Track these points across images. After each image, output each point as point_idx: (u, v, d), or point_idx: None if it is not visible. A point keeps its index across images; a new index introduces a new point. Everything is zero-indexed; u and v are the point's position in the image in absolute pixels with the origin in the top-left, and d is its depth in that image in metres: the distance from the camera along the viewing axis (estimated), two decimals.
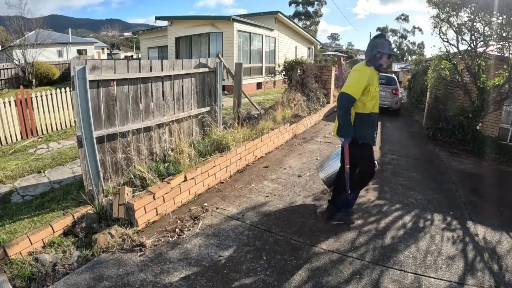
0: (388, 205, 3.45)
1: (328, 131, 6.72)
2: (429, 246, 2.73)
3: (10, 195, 3.61)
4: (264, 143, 4.79)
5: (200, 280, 2.20)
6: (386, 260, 2.49)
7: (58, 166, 4.54)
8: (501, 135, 6.98)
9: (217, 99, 4.51)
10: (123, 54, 36.24)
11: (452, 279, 2.32)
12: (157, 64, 3.53)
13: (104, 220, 2.77)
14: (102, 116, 3.03)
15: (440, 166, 5.07)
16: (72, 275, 2.20)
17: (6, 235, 2.60)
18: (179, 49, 14.56)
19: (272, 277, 2.25)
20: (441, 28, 6.55)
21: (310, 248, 2.61)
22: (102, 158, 3.06)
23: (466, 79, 6.58)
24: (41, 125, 6.50)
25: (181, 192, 3.18)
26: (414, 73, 14.85)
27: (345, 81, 2.75)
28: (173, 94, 3.81)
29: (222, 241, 2.65)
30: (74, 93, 2.71)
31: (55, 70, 14.70)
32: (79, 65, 2.69)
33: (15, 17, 14.20)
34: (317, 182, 3.94)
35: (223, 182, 3.82)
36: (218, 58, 4.61)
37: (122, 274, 2.23)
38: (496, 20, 5.70)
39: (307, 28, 39.74)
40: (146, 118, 3.50)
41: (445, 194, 3.89)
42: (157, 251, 2.49)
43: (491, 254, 2.70)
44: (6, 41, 14.97)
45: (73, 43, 27.05)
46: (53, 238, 2.55)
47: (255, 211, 3.16)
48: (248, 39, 13.62)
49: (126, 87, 3.22)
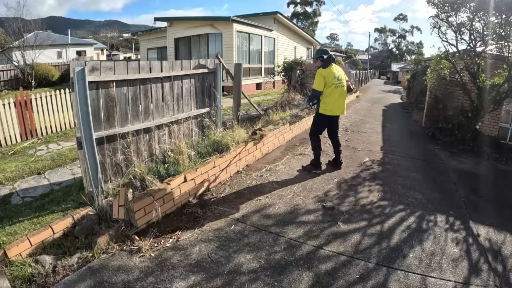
0: (388, 206, 3.44)
1: None
2: (431, 246, 2.73)
3: (10, 196, 3.61)
4: (263, 144, 4.79)
5: (200, 280, 2.20)
6: (390, 261, 2.49)
7: (58, 167, 4.54)
8: (500, 134, 6.98)
9: (216, 100, 4.51)
10: (123, 55, 36.29)
11: (454, 279, 2.32)
12: (157, 65, 3.53)
13: (104, 221, 2.76)
14: (102, 117, 3.03)
15: (440, 166, 5.07)
16: (72, 277, 2.20)
17: (6, 236, 2.60)
18: (179, 50, 14.57)
19: (272, 277, 2.24)
20: (440, 28, 6.55)
21: (310, 247, 2.60)
22: (102, 160, 3.06)
23: (465, 78, 6.58)
24: (41, 126, 6.51)
25: (181, 193, 3.18)
26: (414, 73, 14.84)
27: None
28: (173, 95, 3.81)
29: (222, 242, 2.64)
30: (73, 95, 2.71)
31: (54, 72, 14.72)
32: (78, 66, 2.69)
33: (14, 19, 14.22)
34: (318, 182, 3.94)
35: (223, 182, 3.82)
36: (218, 59, 4.61)
37: (122, 275, 2.23)
38: (495, 19, 5.70)
39: (306, 28, 39.73)
40: (146, 119, 3.50)
41: (445, 194, 3.89)
42: (157, 252, 2.48)
43: (492, 253, 2.70)
44: (6, 43, 14.97)
45: (73, 44, 27.10)
46: (53, 239, 2.55)
47: (255, 211, 3.16)
48: (247, 39, 13.63)
49: (126, 88, 3.22)
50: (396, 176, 4.37)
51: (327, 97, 4.03)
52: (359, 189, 3.82)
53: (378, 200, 3.55)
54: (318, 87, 4.00)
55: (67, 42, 26.15)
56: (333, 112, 4.13)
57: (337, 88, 4.01)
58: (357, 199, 3.56)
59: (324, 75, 3.96)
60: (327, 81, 3.95)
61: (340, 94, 4.06)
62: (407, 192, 3.82)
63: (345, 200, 3.51)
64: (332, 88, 3.98)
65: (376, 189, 3.86)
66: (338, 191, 3.75)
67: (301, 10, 44.87)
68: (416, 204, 3.51)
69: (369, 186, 3.92)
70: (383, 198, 3.62)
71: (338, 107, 4.13)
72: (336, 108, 4.12)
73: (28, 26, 14.77)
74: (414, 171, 4.62)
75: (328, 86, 3.98)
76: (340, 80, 4.04)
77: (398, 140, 6.67)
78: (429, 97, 7.73)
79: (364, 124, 8.07)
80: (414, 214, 3.28)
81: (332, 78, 3.97)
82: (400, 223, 3.09)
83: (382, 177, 4.27)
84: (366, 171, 4.46)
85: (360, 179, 4.15)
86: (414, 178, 4.34)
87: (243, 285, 2.18)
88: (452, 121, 6.58)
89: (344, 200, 3.50)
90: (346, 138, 6.24)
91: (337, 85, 4.01)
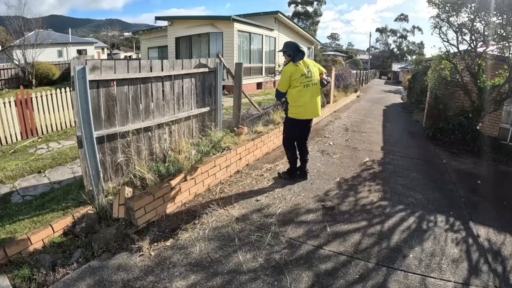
0: (388, 206, 3.44)
1: (329, 130, 6.72)
2: (431, 246, 2.73)
3: (10, 195, 3.61)
4: (264, 143, 4.79)
5: (200, 279, 2.20)
6: (389, 261, 2.49)
7: (58, 166, 4.54)
8: (501, 135, 6.99)
9: (217, 99, 4.51)
10: (123, 54, 36.28)
11: (454, 280, 2.32)
12: (157, 64, 3.53)
13: (104, 220, 2.77)
14: (102, 116, 3.03)
15: (440, 166, 5.07)
16: (72, 275, 2.20)
17: (6, 235, 2.60)
18: (179, 49, 14.56)
19: (272, 276, 2.25)
20: (441, 28, 6.55)
21: (310, 247, 2.61)
22: (102, 158, 3.06)
23: (466, 79, 6.58)
24: (41, 125, 6.51)
25: (181, 192, 3.18)
26: (414, 73, 14.83)
27: (345, 81, 3.01)
28: (173, 94, 3.81)
29: (222, 241, 2.64)
30: (74, 93, 2.71)
31: (55, 70, 14.71)
32: (79, 65, 2.68)
33: (15, 17, 14.23)
34: (317, 182, 3.94)
35: (223, 182, 3.82)
36: (218, 58, 4.60)
37: (122, 274, 2.23)
38: (496, 20, 5.69)
39: (307, 28, 39.74)
40: (146, 118, 3.50)
41: (445, 194, 3.89)
42: (157, 251, 2.49)
43: (492, 254, 2.70)
44: (6, 41, 14.97)
45: (73, 43, 27.09)
46: (53, 238, 2.55)
47: (255, 211, 3.16)
48: (248, 39, 13.62)
49: (126, 87, 3.22)
50: (396, 176, 4.37)
51: (296, 99, 3.53)
52: (359, 189, 3.82)
53: (378, 200, 3.55)
54: (281, 86, 3.56)
55: (67, 41, 26.15)
56: (304, 115, 3.61)
57: (307, 87, 3.51)
58: (357, 199, 3.56)
59: (290, 73, 3.47)
60: (293, 80, 3.48)
61: (312, 95, 3.56)
62: (407, 192, 3.82)
63: (345, 200, 3.51)
64: (301, 88, 3.49)
65: (376, 189, 3.86)
66: (338, 191, 3.75)
67: (302, 9, 44.85)
68: (416, 204, 3.51)
69: (369, 186, 3.92)
70: (383, 198, 3.62)
71: (309, 109, 3.60)
72: (307, 111, 3.59)
73: (28, 25, 14.78)
74: (414, 171, 4.62)
75: (295, 86, 3.49)
76: (310, 78, 3.53)
77: (398, 140, 6.66)
78: (430, 97, 7.73)
79: (365, 124, 8.06)
80: (414, 214, 3.28)
81: (300, 76, 3.48)
82: (400, 223, 3.09)
83: (382, 177, 4.27)
84: (366, 171, 4.46)
85: (361, 179, 4.15)
86: (414, 178, 4.34)
87: (243, 284, 2.18)
88: (453, 121, 6.58)
89: (344, 200, 3.50)
90: (346, 138, 6.24)
91: (306, 84, 3.50)
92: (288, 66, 3.53)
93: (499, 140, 6.74)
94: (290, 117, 3.64)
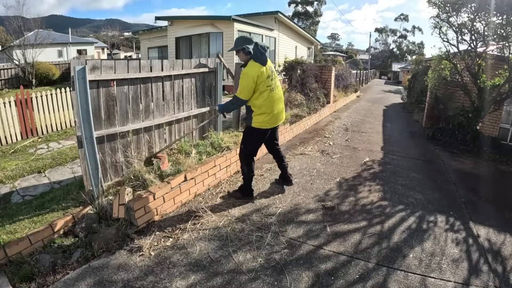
0: (388, 206, 3.44)
1: (329, 130, 6.72)
2: (431, 246, 2.73)
3: (10, 195, 3.61)
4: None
5: (200, 279, 2.20)
6: (389, 261, 2.49)
7: (58, 166, 4.54)
8: (501, 135, 6.98)
9: (217, 99, 4.51)
10: (123, 54, 36.25)
11: (454, 280, 2.32)
12: (157, 64, 3.53)
13: (104, 220, 2.77)
14: (102, 116, 3.03)
15: (440, 166, 5.07)
16: (72, 275, 2.20)
17: (6, 235, 2.60)
18: (179, 49, 14.56)
19: (272, 276, 2.25)
20: (441, 28, 6.55)
21: (310, 247, 2.61)
22: (102, 158, 3.06)
23: (466, 79, 6.58)
24: (41, 125, 6.51)
25: (181, 192, 3.18)
26: (414, 73, 14.83)
27: (345, 81, 2.85)
28: (173, 94, 3.81)
29: (222, 241, 2.64)
30: (74, 93, 2.71)
31: (55, 70, 14.70)
32: (79, 65, 2.68)
33: (14, 17, 14.22)
34: (317, 182, 3.94)
35: (223, 182, 3.82)
36: (218, 58, 4.60)
37: (122, 274, 2.23)
38: (496, 20, 5.70)
39: (307, 28, 39.75)
40: (146, 118, 3.50)
41: (446, 194, 3.89)
42: (157, 251, 2.49)
43: (492, 254, 2.70)
44: (6, 41, 14.97)
45: (73, 43, 27.07)
46: (53, 238, 2.55)
47: (255, 210, 3.16)
48: None
49: (126, 87, 3.22)
50: (397, 176, 4.36)
51: (263, 106, 2.98)
52: (360, 189, 3.82)
53: (378, 200, 3.55)
54: (244, 94, 2.93)
55: (67, 41, 26.13)
56: (274, 122, 3.15)
57: (272, 91, 3.02)
58: (357, 199, 3.56)
59: (256, 76, 2.87)
60: (258, 84, 2.90)
61: (278, 97, 3.13)
62: (407, 192, 3.82)
63: (345, 200, 3.51)
64: (268, 92, 2.97)
65: (377, 189, 3.86)
66: (338, 191, 3.75)
67: (302, 9, 44.86)
68: (416, 204, 3.51)
69: (369, 186, 3.92)
70: (383, 198, 3.62)
71: (278, 115, 3.16)
72: (276, 117, 3.14)
73: (28, 25, 14.78)
74: (414, 171, 4.62)
75: (262, 90, 2.94)
76: (274, 79, 3.07)
77: (398, 140, 6.66)
78: (430, 97, 7.73)
79: (365, 124, 8.06)
80: (414, 214, 3.28)
81: (266, 79, 2.93)
82: (400, 223, 3.09)
83: (382, 177, 4.27)
84: (366, 171, 4.46)
85: (361, 179, 4.15)
86: (415, 178, 4.34)
87: (243, 284, 2.18)
88: (453, 121, 6.58)
89: (345, 200, 3.50)
90: (346, 138, 6.24)
91: (272, 88, 3.02)
92: (251, 68, 2.91)
93: (499, 140, 6.74)
94: (256, 127, 3.07)
